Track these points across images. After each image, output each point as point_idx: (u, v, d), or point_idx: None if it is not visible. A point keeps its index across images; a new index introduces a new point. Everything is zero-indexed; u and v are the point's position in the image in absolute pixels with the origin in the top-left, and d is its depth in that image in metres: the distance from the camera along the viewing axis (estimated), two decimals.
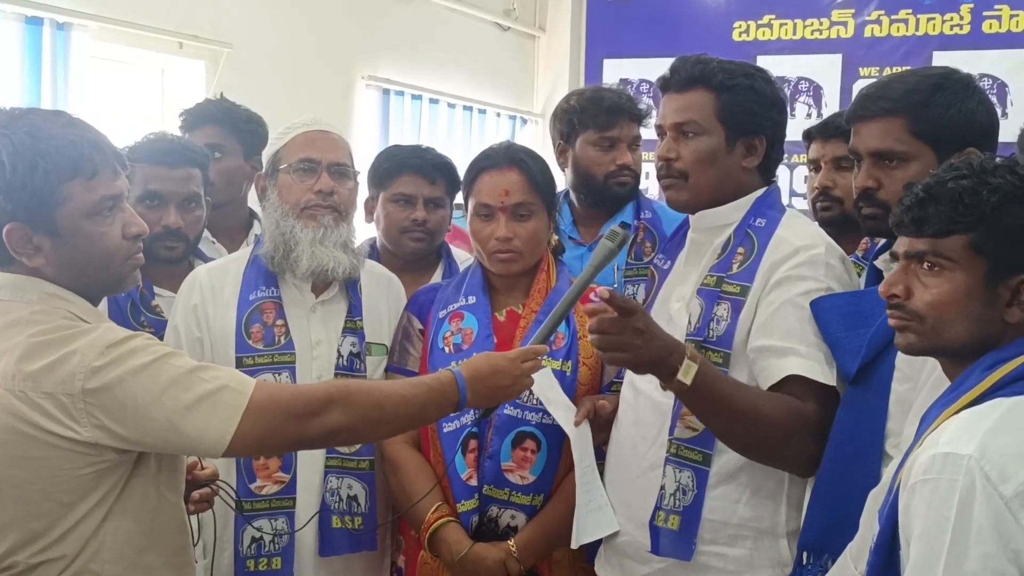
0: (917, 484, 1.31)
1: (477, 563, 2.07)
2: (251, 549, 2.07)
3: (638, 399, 2.01)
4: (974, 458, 1.26)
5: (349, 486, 2.16)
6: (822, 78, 5.88)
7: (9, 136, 1.51)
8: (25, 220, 1.52)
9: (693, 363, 1.75)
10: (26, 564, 1.52)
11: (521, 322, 2.20)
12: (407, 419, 1.75)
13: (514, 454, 2.09)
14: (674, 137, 1.99)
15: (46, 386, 1.46)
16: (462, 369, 1.78)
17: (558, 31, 6.60)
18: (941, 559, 1.25)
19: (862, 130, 1.83)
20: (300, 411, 1.58)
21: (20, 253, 1.54)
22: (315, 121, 2.25)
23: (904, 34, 5.71)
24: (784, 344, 1.84)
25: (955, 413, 1.35)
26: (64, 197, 1.52)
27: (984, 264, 1.39)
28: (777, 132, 2.01)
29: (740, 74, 1.97)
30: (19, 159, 1.50)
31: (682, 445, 1.89)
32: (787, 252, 1.90)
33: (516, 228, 2.18)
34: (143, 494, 1.58)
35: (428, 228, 2.60)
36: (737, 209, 1.98)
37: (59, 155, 1.52)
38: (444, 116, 5.77)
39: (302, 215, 2.17)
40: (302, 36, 4.79)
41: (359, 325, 2.23)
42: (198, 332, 2.17)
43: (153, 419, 1.49)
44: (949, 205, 1.40)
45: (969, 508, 1.25)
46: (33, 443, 1.48)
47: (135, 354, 1.50)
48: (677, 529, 1.88)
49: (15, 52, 3.53)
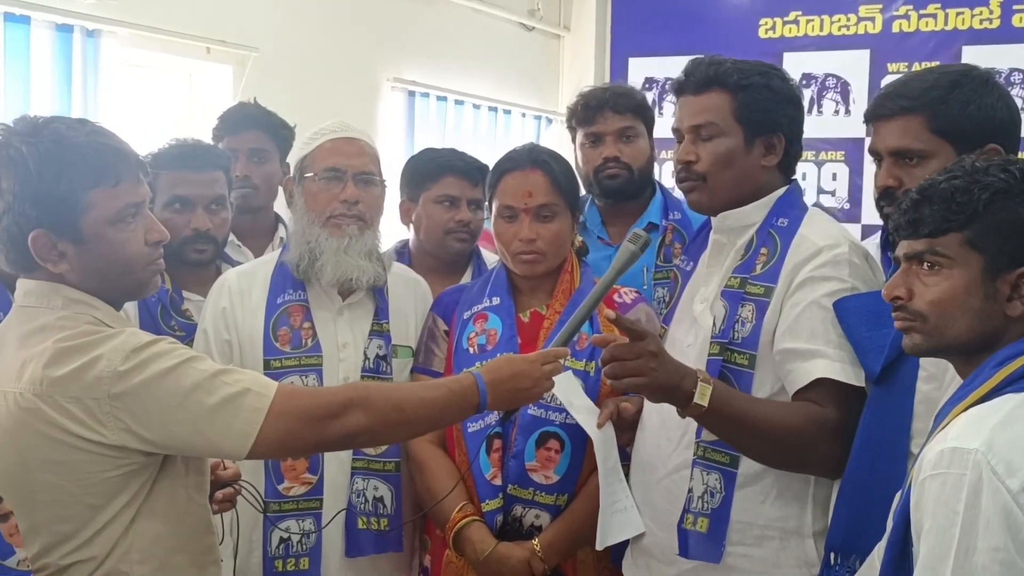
0: (926, 479, 1.32)
1: (502, 562, 2.08)
2: (279, 549, 2.10)
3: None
4: (981, 452, 1.27)
5: (375, 487, 2.18)
6: (850, 74, 5.82)
7: (35, 144, 1.53)
8: (50, 227, 1.54)
9: (707, 385, 1.75)
10: (57, 565, 1.55)
11: (545, 323, 2.21)
12: (427, 421, 1.76)
13: (538, 454, 2.10)
14: (692, 140, 1.98)
15: (73, 391, 1.49)
16: (482, 372, 1.79)
17: (583, 30, 6.59)
18: (951, 553, 1.27)
19: (881, 129, 1.83)
20: (320, 414, 1.60)
21: (45, 260, 1.56)
22: (343, 127, 2.26)
23: (933, 29, 5.65)
24: (810, 346, 1.83)
25: (965, 409, 1.36)
26: (88, 205, 1.55)
27: (981, 260, 1.41)
28: (795, 129, 2.01)
29: (755, 73, 1.97)
30: (45, 167, 1.52)
31: (709, 447, 1.89)
32: (810, 252, 1.89)
33: (539, 229, 2.19)
34: (171, 495, 1.61)
35: (471, 229, 2.63)
36: (759, 209, 1.97)
37: (84, 163, 1.54)
38: (469, 117, 5.77)
39: (327, 224, 2.19)
40: (327, 40, 4.82)
41: (386, 328, 2.25)
42: (227, 335, 2.19)
43: (177, 422, 1.51)
44: (942, 204, 1.43)
45: (977, 502, 1.26)
46: (61, 447, 1.50)
47: (159, 358, 1.52)
48: (706, 532, 1.88)
49: (46, 59, 3.57)
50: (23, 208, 1.53)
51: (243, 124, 2.91)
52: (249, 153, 2.89)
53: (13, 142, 1.54)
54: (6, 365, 1.55)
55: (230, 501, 1.89)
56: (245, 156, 2.88)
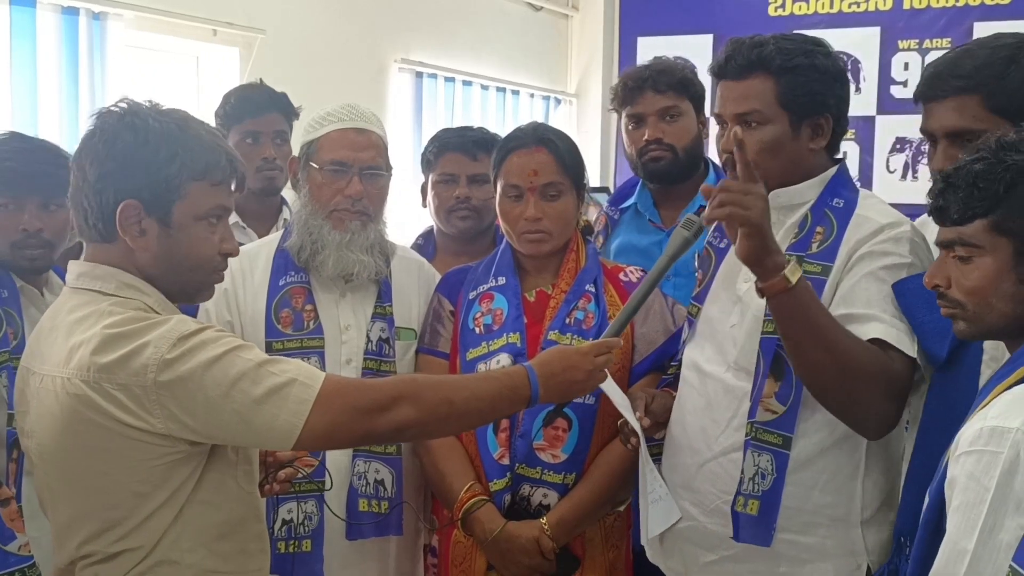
0: (962, 456, 1.31)
1: (510, 541, 2.08)
2: (282, 531, 2.10)
3: (705, 383, 1.97)
4: (1021, 431, 1.25)
5: (376, 470, 2.17)
6: (860, 52, 5.78)
7: (163, 121, 1.57)
8: (145, 201, 1.55)
9: (799, 268, 1.72)
10: (104, 553, 1.55)
11: (551, 302, 2.20)
12: (477, 415, 1.74)
13: (545, 433, 2.10)
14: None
15: (120, 378, 1.48)
16: (534, 364, 1.76)
17: (591, 10, 6.55)
18: (976, 528, 1.26)
19: (935, 110, 1.78)
20: (369, 406, 1.58)
21: (126, 231, 1.57)
22: (351, 114, 2.22)
23: (944, 5, 5.60)
24: (866, 311, 1.79)
25: (1007, 388, 1.34)
26: (187, 193, 1.57)
27: (1010, 244, 1.40)
28: (843, 107, 1.94)
29: (799, 53, 1.88)
30: (164, 144, 1.55)
31: (761, 428, 1.84)
32: (872, 230, 1.84)
33: (545, 208, 2.17)
34: (220, 484, 1.60)
35: (473, 205, 2.62)
36: (812, 188, 1.92)
37: (199, 153, 1.58)
38: (477, 98, 5.76)
39: (331, 217, 2.17)
40: (334, 21, 4.80)
41: (388, 310, 2.24)
42: (229, 316, 2.19)
43: (223, 412, 1.51)
44: (966, 191, 1.41)
45: (1011, 480, 1.24)
46: (108, 434, 1.50)
47: (206, 346, 1.51)
48: (756, 514, 1.84)
49: (52, 42, 3.56)
50: (128, 174, 1.54)
51: (266, 106, 2.92)
52: (273, 135, 2.90)
53: (142, 113, 1.58)
54: (56, 349, 1.55)
55: (289, 481, 1.88)
56: (269, 138, 2.89)
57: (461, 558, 2.19)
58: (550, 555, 2.09)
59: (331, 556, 2.15)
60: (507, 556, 2.09)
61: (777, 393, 1.84)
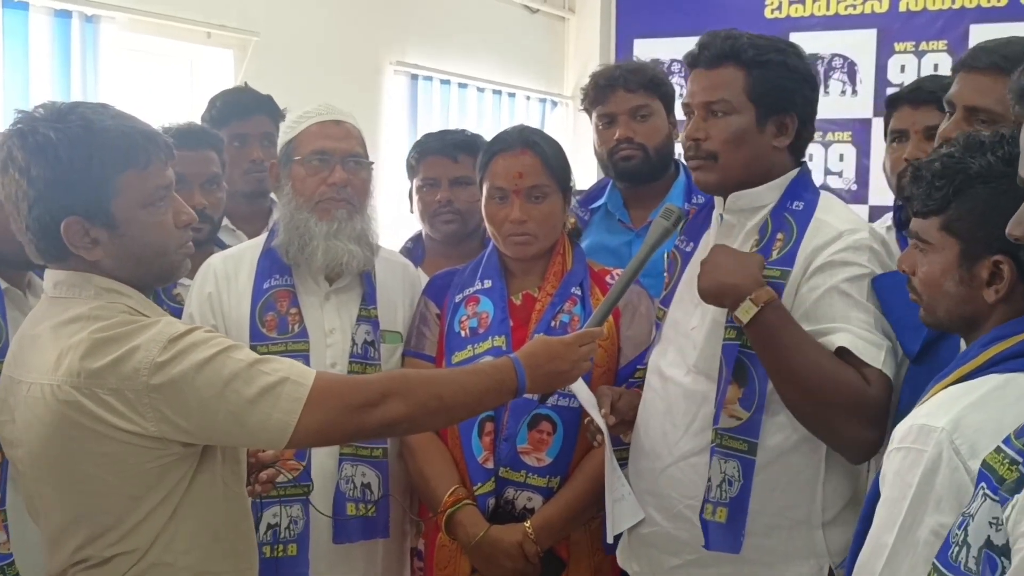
0: (892, 452, 1.33)
1: (494, 545, 2.07)
2: (267, 535, 2.09)
3: (667, 386, 1.98)
4: (946, 431, 1.26)
5: (363, 474, 2.17)
6: (856, 54, 5.76)
7: (63, 129, 1.50)
8: (83, 213, 1.53)
9: (754, 305, 1.74)
10: (99, 557, 1.55)
11: (537, 305, 2.20)
12: (465, 408, 1.75)
13: (530, 436, 2.10)
14: (703, 116, 1.92)
15: (111, 382, 1.48)
16: (520, 355, 1.78)
17: (588, 12, 6.54)
18: (896, 524, 1.28)
19: (966, 80, 1.77)
20: (359, 402, 1.59)
21: (78, 247, 1.55)
22: (328, 110, 2.24)
23: (940, 7, 5.58)
24: (831, 326, 1.80)
25: (946, 386, 1.35)
26: (119, 188, 1.53)
27: (957, 245, 1.42)
28: (809, 110, 1.95)
29: (771, 50, 1.90)
30: (75, 152, 1.50)
31: (726, 435, 1.84)
32: (830, 236, 1.84)
33: (530, 210, 2.17)
34: (210, 486, 1.61)
35: (456, 208, 2.62)
36: (772, 190, 1.92)
37: (113, 146, 1.52)
38: (473, 100, 5.75)
39: (316, 209, 2.17)
40: (329, 23, 4.80)
41: (373, 313, 2.23)
42: (213, 320, 2.19)
43: (217, 413, 1.51)
44: (925, 187, 1.44)
45: (931, 479, 1.26)
46: (101, 439, 1.50)
47: (197, 348, 1.51)
48: (724, 521, 1.84)
49: (45, 45, 3.56)
50: (55, 195, 1.51)
51: (252, 109, 2.93)
52: (261, 137, 2.90)
53: (40, 128, 1.51)
54: (42, 357, 1.54)
55: (271, 482, 1.89)
56: (257, 140, 2.89)
57: (446, 561, 2.18)
58: (534, 559, 2.08)
59: (317, 560, 2.14)
60: (491, 560, 2.09)
61: (741, 399, 1.84)
